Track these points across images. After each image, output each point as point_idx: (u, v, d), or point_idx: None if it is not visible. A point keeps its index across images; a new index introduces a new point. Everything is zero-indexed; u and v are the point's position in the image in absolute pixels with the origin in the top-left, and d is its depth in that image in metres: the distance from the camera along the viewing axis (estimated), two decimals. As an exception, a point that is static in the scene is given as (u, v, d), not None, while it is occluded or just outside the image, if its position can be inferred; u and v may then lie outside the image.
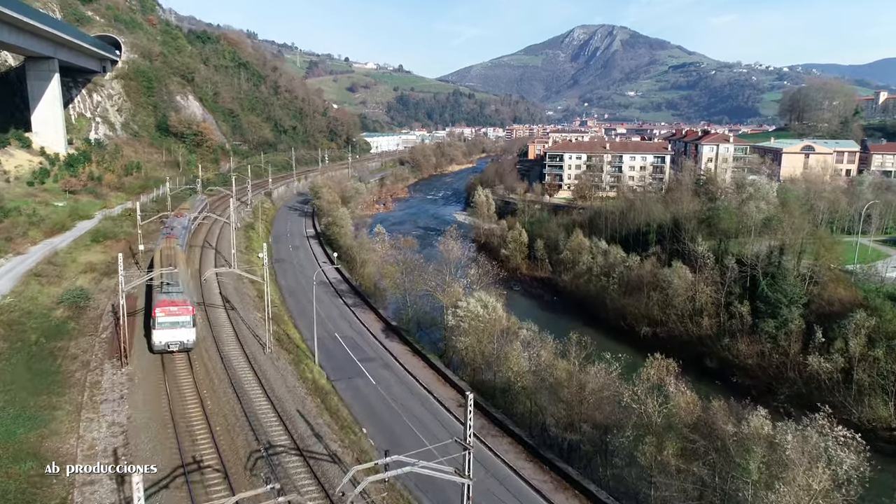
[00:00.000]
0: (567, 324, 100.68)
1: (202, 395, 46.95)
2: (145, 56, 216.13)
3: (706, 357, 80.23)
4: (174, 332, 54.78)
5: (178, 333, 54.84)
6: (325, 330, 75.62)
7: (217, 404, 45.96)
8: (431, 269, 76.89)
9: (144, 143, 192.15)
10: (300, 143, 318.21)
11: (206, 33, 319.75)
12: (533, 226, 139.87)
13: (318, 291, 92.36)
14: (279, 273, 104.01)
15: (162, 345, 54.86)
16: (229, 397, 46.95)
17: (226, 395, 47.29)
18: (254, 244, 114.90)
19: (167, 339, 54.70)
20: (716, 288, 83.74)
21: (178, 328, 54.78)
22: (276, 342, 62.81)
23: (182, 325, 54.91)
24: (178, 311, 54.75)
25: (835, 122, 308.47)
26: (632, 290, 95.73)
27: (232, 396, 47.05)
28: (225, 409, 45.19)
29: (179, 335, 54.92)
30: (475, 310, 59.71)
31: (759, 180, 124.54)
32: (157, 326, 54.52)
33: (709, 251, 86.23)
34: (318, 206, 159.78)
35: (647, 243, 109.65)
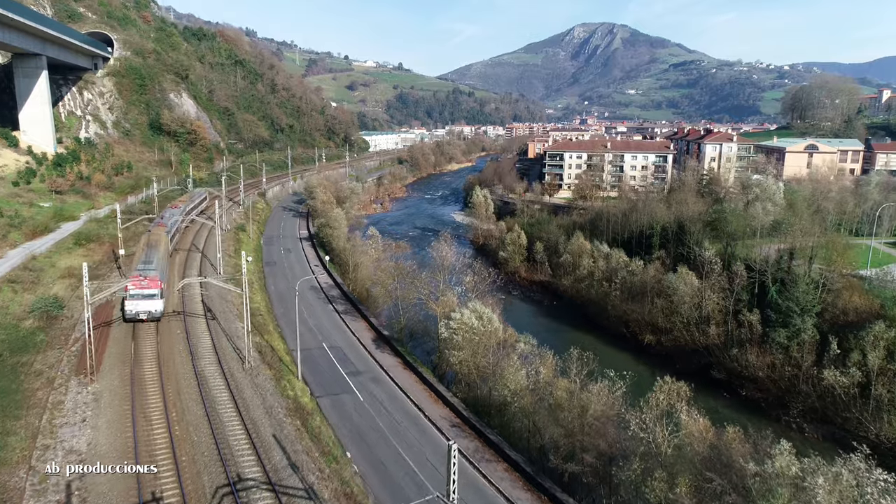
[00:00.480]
0: (567, 330, 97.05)
1: (171, 418, 43.17)
2: (138, 53, 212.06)
3: (713, 367, 76.41)
4: (143, 302, 62.36)
5: (146, 304, 62.41)
6: (314, 340, 71.90)
7: (186, 430, 42.13)
8: (424, 276, 72.91)
9: (136, 142, 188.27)
10: (297, 141, 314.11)
11: (201, 30, 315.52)
12: (532, 227, 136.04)
13: (309, 297, 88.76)
14: (269, 277, 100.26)
15: (132, 313, 62.47)
16: (200, 422, 43.10)
17: (196, 419, 43.45)
18: (243, 247, 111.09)
19: (137, 308, 62.39)
20: (723, 295, 79.86)
21: (147, 300, 62.34)
22: (258, 355, 59.05)
23: (150, 298, 62.42)
24: (148, 286, 62.46)
25: (838, 121, 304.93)
26: (635, 296, 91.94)
27: (203, 421, 43.21)
28: (194, 436, 41.36)
29: (148, 305, 62.47)
30: (469, 322, 55.90)
31: (765, 181, 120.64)
32: (129, 298, 62.19)
33: (716, 256, 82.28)
34: (312, 207, 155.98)
35: (651, 247, 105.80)
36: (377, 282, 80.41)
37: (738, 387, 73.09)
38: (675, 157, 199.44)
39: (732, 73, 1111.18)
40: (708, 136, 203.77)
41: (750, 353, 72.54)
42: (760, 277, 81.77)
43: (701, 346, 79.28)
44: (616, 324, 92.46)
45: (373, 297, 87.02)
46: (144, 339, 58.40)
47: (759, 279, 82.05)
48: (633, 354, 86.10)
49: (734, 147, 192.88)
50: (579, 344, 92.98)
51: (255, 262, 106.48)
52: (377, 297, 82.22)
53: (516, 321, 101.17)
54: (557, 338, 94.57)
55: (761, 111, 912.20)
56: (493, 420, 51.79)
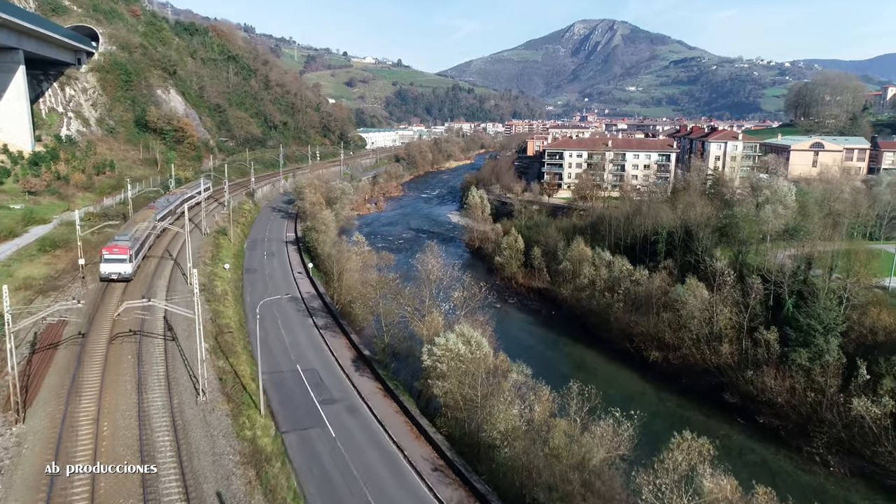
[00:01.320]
0: (566, 343, 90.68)
1: (97, 471, 36.52)
2: (124, 48, 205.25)
3: (726, 389, 69.78)
4: (114, 265, 76.20)
5: (117, 266, 76.24)
6: (287, 360, 65.30)
7: (110, 491, 35.41)
8: (409, 291, 66.06)
9: (121, 140, 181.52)
10: (291, 139, 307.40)
11: (193, 25, 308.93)
12: (530, 230, 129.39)
13: (288, 310, 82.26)
14: (247, 286, 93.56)
15: (106, 274, 76.14)
16: (130, 478, 36.36)
17: (126, 474, 36.68)
18: (223, 252, 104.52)
19: (109, 269, 76.15)
20: (737, 310, 73.16)
21: (117, 263, 76.18)
22: (217, 383, 52.50)
23: (120, 261, 76.23)
24: (118, 252, 76.43)
25: (842, 119, 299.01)
26: (639, 308, 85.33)
27: (134, 477, 36.48)
28: (119, 498, 34.73)
29: (118, 268, 76.26)
30: (455, 348, 49.28)
31: (775, 182, 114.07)
32: (103, 261, 76.44)
33: (728, 267, 75.59)
34: (300, 208, 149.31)
35: (656, 253, 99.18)
36: (358, 296, 73.50)
37: (753, 412, 66.51)
38: (679, 156, 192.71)
39: (733, 69, 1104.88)
40: (712, 135, 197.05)
41: (767, 375, 65.87)
42: (776, 289, 75.19)
43: (712, 365, 72.63)
44: (619, 337, 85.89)
45: (356, 310, 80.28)
46: (90, 364, 51.76)
47: (775, 291, 75.49)
48: (637, 372, 79.66)
49: (739, 145, 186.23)
50: (579, 359, 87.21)
51: (234, 269, 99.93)
52: (358, 313, 75.33)
53: (512, 333, 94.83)
54: (556, 352, 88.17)
55: (762, 108, 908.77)
56: (482, 465, 45.07)
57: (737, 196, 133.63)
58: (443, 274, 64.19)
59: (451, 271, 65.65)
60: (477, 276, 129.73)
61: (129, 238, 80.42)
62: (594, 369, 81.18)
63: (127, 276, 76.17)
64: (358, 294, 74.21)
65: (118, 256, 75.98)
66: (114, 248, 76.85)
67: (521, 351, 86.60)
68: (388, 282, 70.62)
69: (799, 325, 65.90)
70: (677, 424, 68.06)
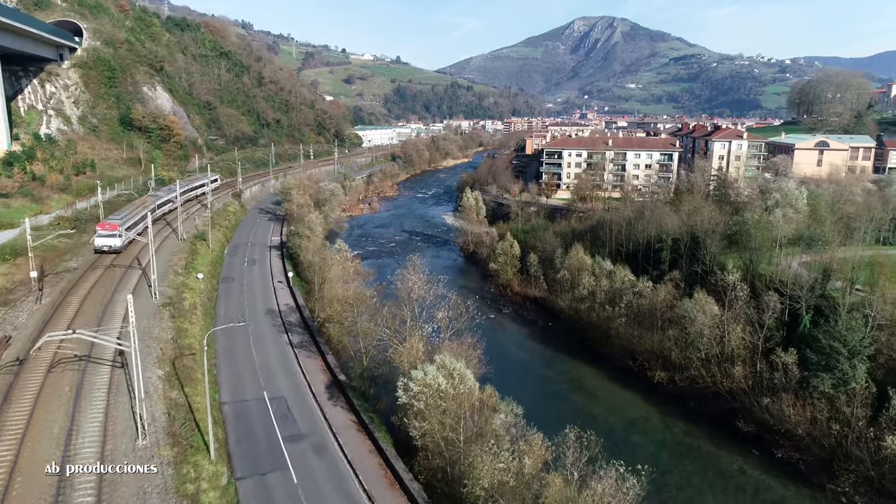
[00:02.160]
0: (563, 360, 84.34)
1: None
2: (109, 44, 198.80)
3: (739, 416, 63.17)
4: (106, 239, 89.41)
5: (107, 240, 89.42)
6: (255, 386, 58.90)
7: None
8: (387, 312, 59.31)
9: (103, 139, 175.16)
10: (284, 137, 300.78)
11: (185, 20, 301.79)
12: (526, 235, 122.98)
13: (263, 325, 76.03)
14: (221, 298, 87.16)
15: (99, 246, 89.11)
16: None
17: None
18: (199, 260, 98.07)
19: (101, 242, 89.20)
20: (751, 328, 66.67)
21: (108, 237, 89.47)
22: (165, 420, 46.09)
23: (110, 236, 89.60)
24: (109, 228, 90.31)
25: (846, 116, 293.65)
26: (643, 323, 78.92)
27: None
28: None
29: (108, 241, 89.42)
30: (435, 383, 42.93)
31: (785, 184, 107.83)
32: (97, 236, 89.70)
33: (741, 281, 69.07)
34: (287, 211, 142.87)
35: (660, 262, 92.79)
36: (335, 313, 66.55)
37: (770, 444, 59.96)
38: (681, 156, 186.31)
39: (733, 67, 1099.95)
40: (716, 133, 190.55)
41: (785, 402, 59.43)
42: (792, 304, 68.78)
43: (723, 389, 66.16)
44: (621, 354, 79.45)
45: (335, 325, 73.62)
46: (19, 399, 45.29)
47: (790, 305, 69.08)
48: (641, 393, 73.24)
49: (744, 145, 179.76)
50: (577, 378, 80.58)
51: (210, 278, 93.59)
52: (334, 333, 68.46)
53: (506, 347, 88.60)
54: (552, 370, 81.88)
55: (762, 105, 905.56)
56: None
57: (743, 199, 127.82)
58: (426, 292, 57.67)
59: (435, 288, 59.06)
60: (471, 282, 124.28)
61: (120, 218, 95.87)
62: (594, 391, 74.94)
63: (117, 248, 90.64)
64: (336, 309, 67.52)
65: (108, 232, 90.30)
66: (106, 225, 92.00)
67: (516, 369, 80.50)
68: (365, 299, 63.98)
69: (820, 346, 59.43)
70: (686, 456, 61.97)
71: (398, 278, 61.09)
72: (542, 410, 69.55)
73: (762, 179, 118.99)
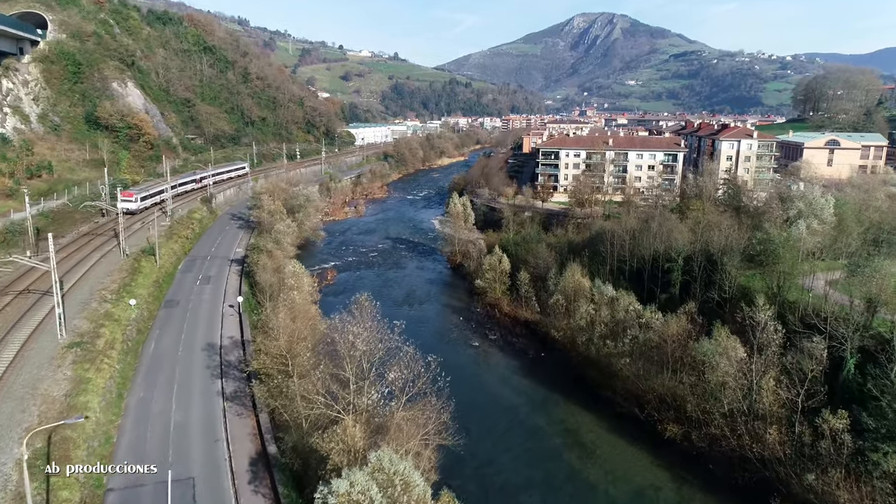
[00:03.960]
0: (557, 402, 71.56)
1: None
2: (75, 36, 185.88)
3: (775, 492, 50.27)
4: (125, 203, 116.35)
5: (126, 204, 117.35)
6: (160, 459, 46.05)
7: None
8: (323, 372, 46.10)
9: (65, 139, 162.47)
10: (270, 136, 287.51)
11: (167, 13, 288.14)
12: (518, 247, 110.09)
13: (195, 366, 63.36)
14: (156, 329, 74.28)
15: (121, 209, 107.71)
16: None
17: None
18: (139, 281, 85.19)
19: (122, 206, 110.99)
20: (788, 379, 53.60)
21: (126, 202, 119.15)
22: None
23: (128, 201, 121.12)
24: (127, 196, 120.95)
25: (853, 114, 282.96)
26: (651, 360, 66.27)
27: None
28: None
29: (126, 205, 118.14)
30: (366, 499, 30.23)
31: (810, 192, 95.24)
32: (119, 201, 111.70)
33: (774, 320, 56.05)
34: (257, 218, 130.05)
35: (670, 284, 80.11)
36: (268, 366, 53.19)
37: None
38: (686, 156, 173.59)
39: (734, 63, 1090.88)
40: (723, 132, 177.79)
41: (835, 479, 46.76)
42: (833, 345, 55.98)
43: (754, 455, 53.31)
44: (625, 399, 66.61)
45: (275, 376, 60.33)
46: None
47: (829, 345, 56.28)
48: (649, 451, 60.38)
49: (754, 144, 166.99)
50: (574, 428, 66.11)
51: (150, 302, 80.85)
52: (276, 382, 55.24)
53: (491, 386, 75.93)
54: (543, 416, 69.06)
55: (763, 102, 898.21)
56: None
57: (758, 205, 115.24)
58: (374, 346, 44.69)
59: (389, 338, 46.04)
60: (456, 299, 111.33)
61: (137, 190, 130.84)
62: (593, 446, 62.13)
63: (133, 210, 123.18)
64: (273, 353, 54.17)
65: (127, 198, 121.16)
66: (126, 193, 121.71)
67: (499, 416, 67.93)
68: (299, 352, 50.69)
69: (879, 408, 46.75)
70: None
71: (332, 328, 47.97)
72: (529, 474, 57.12)
73: (782, 185, 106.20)
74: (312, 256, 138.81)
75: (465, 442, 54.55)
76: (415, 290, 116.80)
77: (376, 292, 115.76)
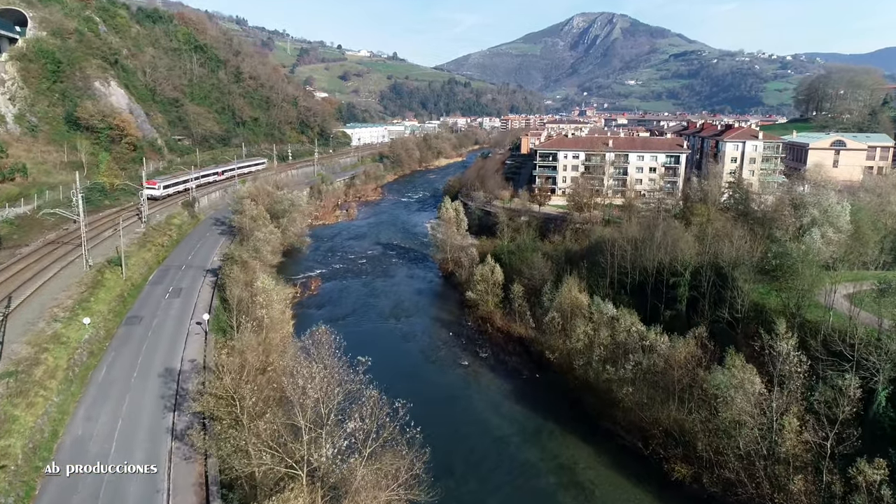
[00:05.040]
0: (552, 432, 64.97)
1: None
2: (56, 34, 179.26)
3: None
4: (149, 191, 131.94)
5: (150, 191, 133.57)
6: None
7: None
8: (267, 424, 39.15)
9: (42, 140, 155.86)
10: (262, 136, 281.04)
11: (156, 11, 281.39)
12: (512, 256, 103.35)
13: (147, 395, 56.73)
14: (111, 351, 67.42)
15: (147, 195, 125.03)
16: None
17: None
18: (99, 296, 78.51)
19: (147, 193, 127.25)
20: (814, 419, 46.81)
21: (150, 189, 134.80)
22: None
23: (152, 188, 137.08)
24: (151, 185, 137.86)
25: (859, 113, 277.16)
26: (656, 387, 59.62)
27: None
28: None
29: (151, 192, 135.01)
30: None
31: (826, 198, 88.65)
32: (144, 188, 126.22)
33: (798, 350, 49.20)
34: (238, 224, 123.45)
35: (676, 300, 73.50)
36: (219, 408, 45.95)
37: None
38: (689, 158, 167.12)
39: (734, 63, 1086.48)
40: (727, 133, 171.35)
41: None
42: (862, 374, 49.31)
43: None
44: (627, 431, 59.96)
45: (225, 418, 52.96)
46: None
47: (861, 376, 49.59)
48: (655, 494, 53.68)
49: (759, 145, 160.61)
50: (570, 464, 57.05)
51: (109, 321, 74.18)
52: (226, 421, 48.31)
53: (479, 412, 69.34)
54: (537, 449, 62.37)
55: (764, 102, 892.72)
56: None
57: (762, 209, 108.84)
58: (331, 391, 37.72)
59: (351, 377, 39.18)
60: (446, 311, 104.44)
61: (161, 179, 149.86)
62: (591, 486, 55.41)
63: (156, 196, 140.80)
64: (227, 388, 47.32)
65: (151, 186, 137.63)
66: (150, 182, 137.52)
67: (488, 448, 61.24)
68: (246, 394, 43.74)
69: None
70: None
71: (283, 371, 41.21)
72: None
73: (794, 191, 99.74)
74: (297, 264, 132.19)
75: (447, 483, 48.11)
76: (403, 301, 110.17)
77: (362, 304, 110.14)
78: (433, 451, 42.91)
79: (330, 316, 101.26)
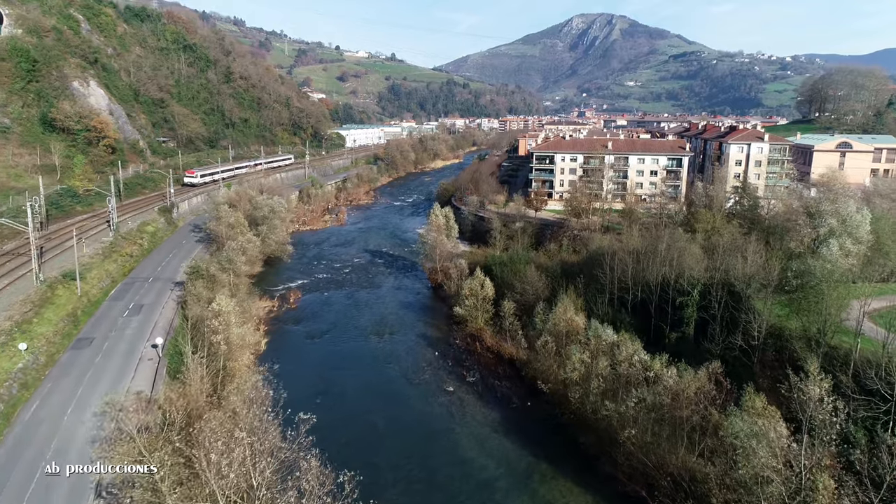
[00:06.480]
0: (545, 476, 57.23)
1: None
2: (32, 32, 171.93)
3: None
4: (188, 179, 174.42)
5: (189, 180, 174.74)
6: None
7: None
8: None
9: (14, 142, 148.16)
10: (252, 138, 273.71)
11: (144, 10, 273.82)
12: (504, 268, 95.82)
13: (81, 434, 49.34)
14: (49, 381, 60.10)
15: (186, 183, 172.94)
16: None
17: None
18: (47, 315, 71.19)
19: (187, 181, 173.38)
20: (854, 479, 39.37)
21: (190, 178, 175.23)
22: None
23: (190, 177, 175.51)
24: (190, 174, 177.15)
25: (860, 115, 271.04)
26: (662, 423, 52.21)
27: None
28: None
29: (190, 179, 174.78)
30: None
31: (845, 207, 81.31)
32: (185, 177, 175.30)
33: (831, 395, 41.68)
34: (215, 232, 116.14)
35: (682, 321, 66.11)
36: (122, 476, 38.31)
37: None
38: (691, 160, 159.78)
39: (733, 64, 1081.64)
40: (732, 134, 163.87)
41: None
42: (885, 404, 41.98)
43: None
44: (630, 477, 52.49)
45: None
46: None
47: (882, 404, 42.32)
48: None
49: (765, 147, 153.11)
50: None
51: (56, 343, 66.84)
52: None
53: (463, 449, 61.68)
54: (525, 494, 54.80)
55: (764, 103, 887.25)
56: None
57: (772, 215, 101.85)
58: (259, 461, 30.27)
59: (285, 444, 31.68)
60: (433, 327, 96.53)
61: (198, 169, 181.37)
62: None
63: (194, 183, 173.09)
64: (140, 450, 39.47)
65: (191, 176, 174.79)
66: (189, 172, 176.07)
67: (472, 493, 53.75)
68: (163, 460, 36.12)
69: None
70: None
71: (196, 444, 33.77)
72: None
73: (811, 200, 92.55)
74: (278, 274, 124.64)
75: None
76: (388, 315, 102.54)
77: (344, 319, 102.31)
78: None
79: (308, 332, 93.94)
